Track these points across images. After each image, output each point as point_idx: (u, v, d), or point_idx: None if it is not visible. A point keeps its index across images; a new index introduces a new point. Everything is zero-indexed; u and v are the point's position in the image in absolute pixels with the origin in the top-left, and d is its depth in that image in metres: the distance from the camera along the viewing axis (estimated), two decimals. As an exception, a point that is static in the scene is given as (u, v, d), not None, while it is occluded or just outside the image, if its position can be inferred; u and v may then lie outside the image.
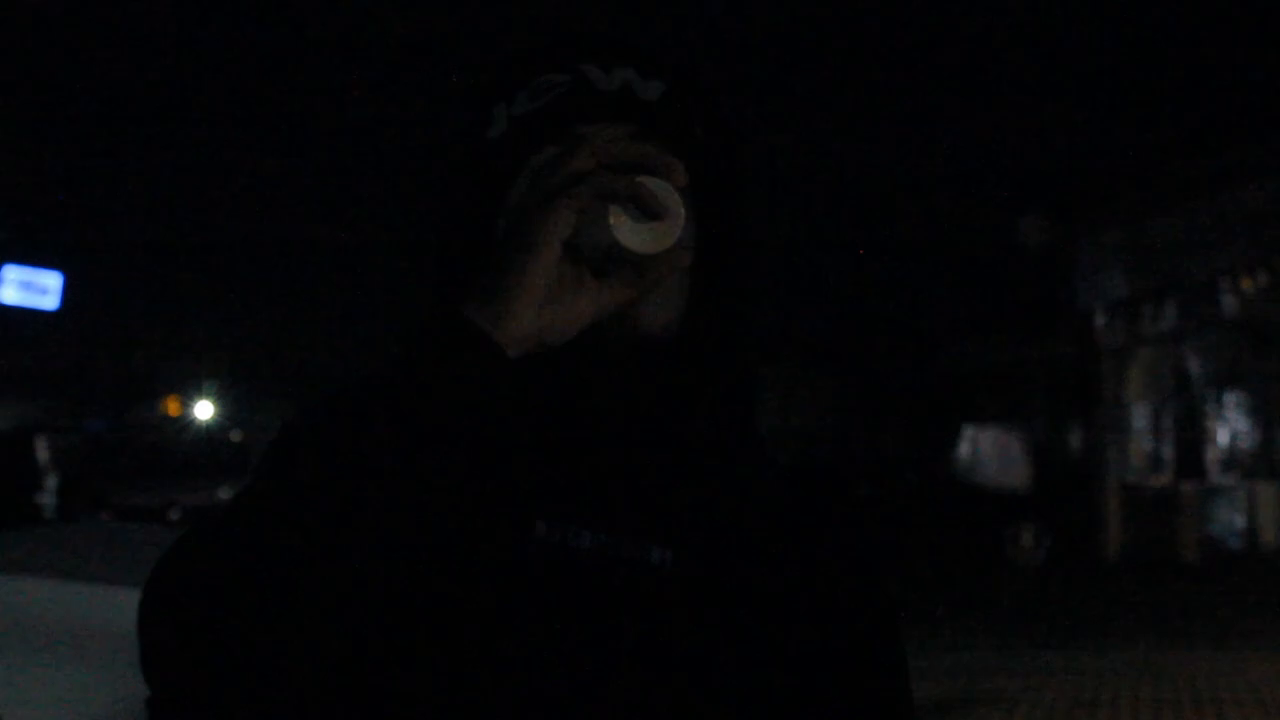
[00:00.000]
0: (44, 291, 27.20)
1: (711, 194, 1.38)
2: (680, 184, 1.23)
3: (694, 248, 1.33)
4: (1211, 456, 23.69)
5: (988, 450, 30.98)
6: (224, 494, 23.44)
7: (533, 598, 1.27)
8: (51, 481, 19.44)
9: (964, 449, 31.83)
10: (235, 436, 34.53)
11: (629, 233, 1.22)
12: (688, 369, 1.36)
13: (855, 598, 1.41)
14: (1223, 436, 23.61)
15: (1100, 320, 25.99)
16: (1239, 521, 22.53)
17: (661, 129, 1.37)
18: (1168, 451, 24.76)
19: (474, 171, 1.39)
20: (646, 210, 1.22)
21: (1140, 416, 25.40)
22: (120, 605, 4.65)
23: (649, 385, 1.35)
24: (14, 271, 26.38)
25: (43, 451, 20.05)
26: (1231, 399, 23.34)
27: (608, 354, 1.32)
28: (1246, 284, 22.22)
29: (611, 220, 1.21)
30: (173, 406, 38.06)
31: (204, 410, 35.91)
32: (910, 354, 33.63)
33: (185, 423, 35.99)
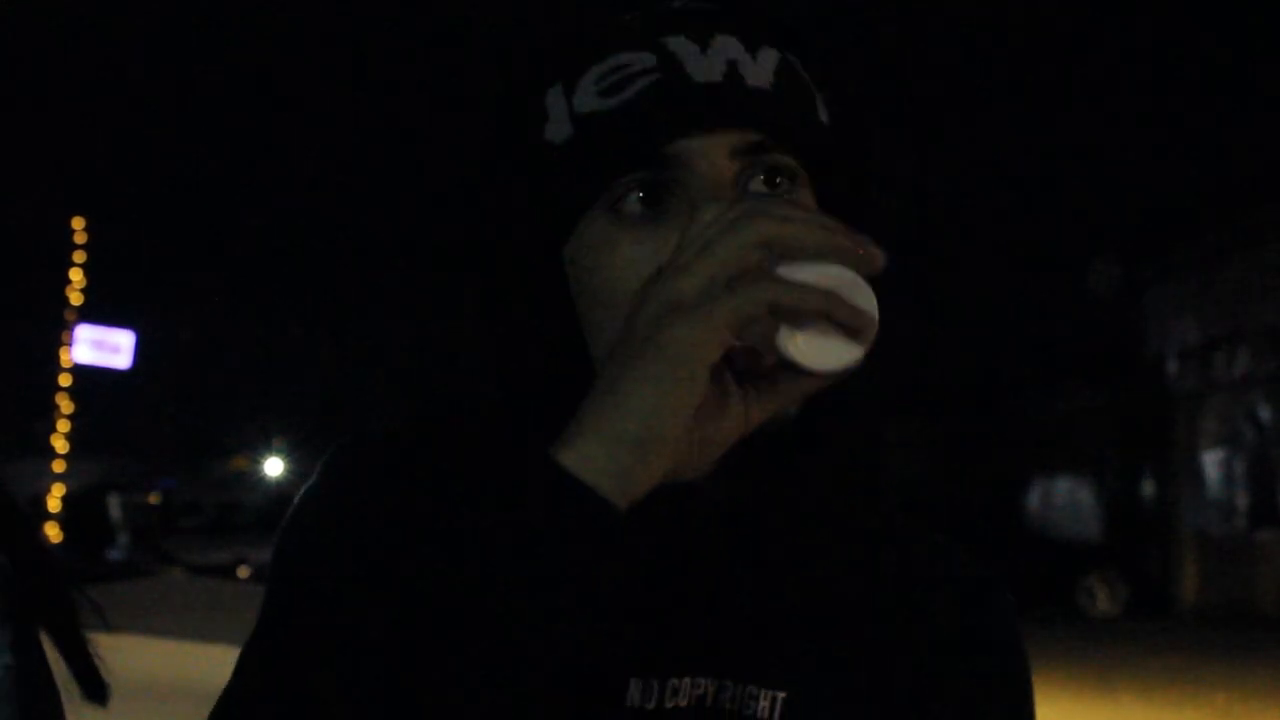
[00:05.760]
0: (116, 350, 27.49)
1: (842, 204, 1.07)
2: (877, 272, 0.92)
3: None
4: (1288, 503, 23.37)
5: (1060, 500, 30.71)
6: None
7: None
8: (124, 539, 19.58)
9: (1035, 499, 31.55)
10: (305, 492, 34.62)
11: (805, 350, 0.91)
12: (803, 460, 1.09)
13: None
14: (1298, 483, 23.29)
15: (1172, 367, 25.74)
16: (1317, 569, 22.21)
17: (783, 127, 1.05)
18: (1243, 499, 24.43)
19: (529, 187, 1.08)
20: (833, 324, 0.91)
21: (1214, 464, 25.10)
22: (193, 660, 4.66)
23: (756, 490, 1.08)
24: (86, 331, 26.68)
25: (115, 509, 20.21)
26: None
27: (736, 464, 1.02)
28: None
29: (783, 332, 0.91)
30: (243, 463, 38.29)
31: (274, 466, 36.11)
32: (980, 403, 33.41)
33: (255, 479, 36.21)
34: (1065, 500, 30.48)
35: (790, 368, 0.92)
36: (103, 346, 27.31)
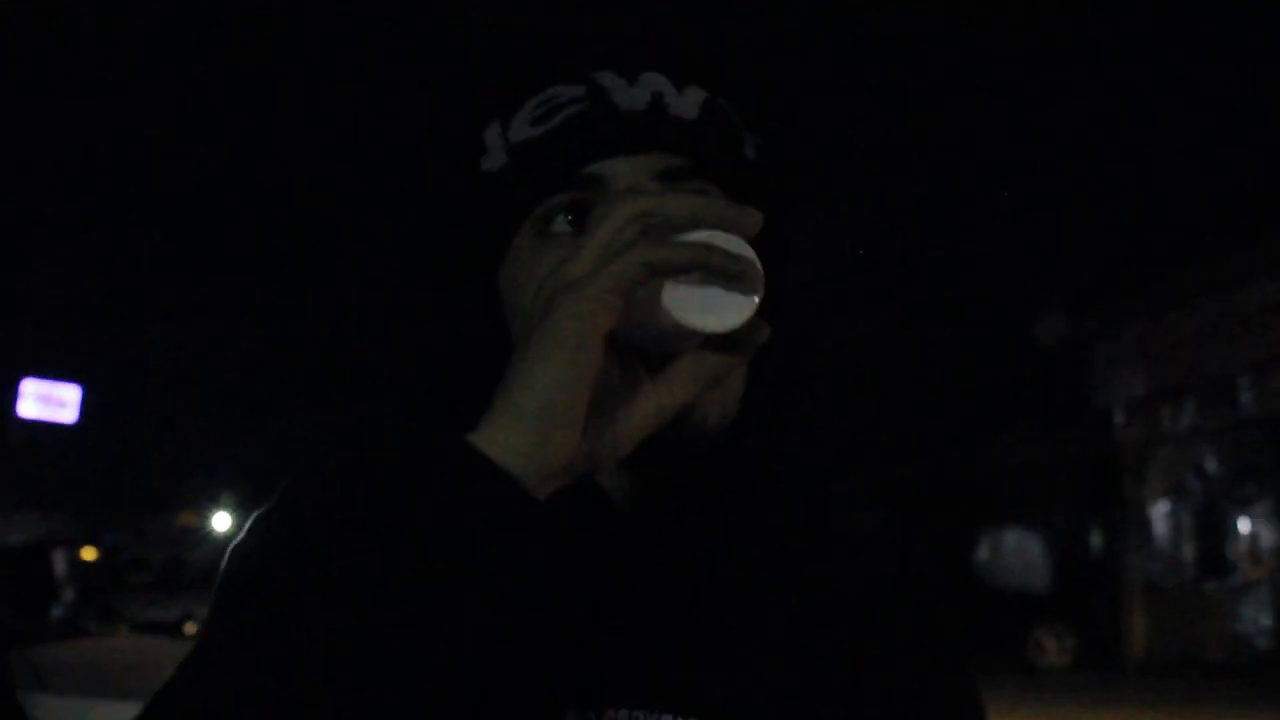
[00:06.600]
0: (62, 405, 27.26)
1: (772, 236, 1.00)
2: (753, 234, 0.91)
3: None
4: (1235, 554, 23.48)
5: (1008, 551, 30.76)
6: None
7: None
8: (69, 595, 19.39)
9: (984, 550, 31.60)
10: (253, 548, 34.37)
11: (693, 308, 0.89)
12: (748, 474, 1.13)
13: None
14: (1246, 534, 23.41)
15: (1119, 418, 25.86)
16: (1265, 619, 22.29)
17: (705, 156, 1.09)
18: (1190, 550, 24.55)
19: (465, 215, 1.13)
20: (715, 277, 0.89)
21: (1162, 515, 25.22)
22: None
23: (700, 504, 1.10)
24: (32, 385, 26.46)
25: (60, 565, 20.02)
26: (1253, 495, 23.18)
27: (652, 469, 1.04)
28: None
29: (667, 295, 0.90)
30: (189, 519, 38.04)
31: (221, 522, 35.88)
32: (927, 454, 33.49)
33: (202, 535, 35.96)
34: (1012, 551, 30.55)
35: (691, 339, 0.92)
36: (49, 401, 27.08)
